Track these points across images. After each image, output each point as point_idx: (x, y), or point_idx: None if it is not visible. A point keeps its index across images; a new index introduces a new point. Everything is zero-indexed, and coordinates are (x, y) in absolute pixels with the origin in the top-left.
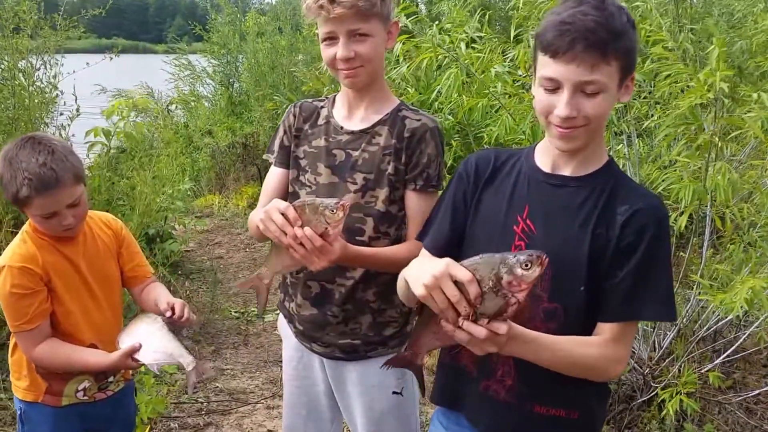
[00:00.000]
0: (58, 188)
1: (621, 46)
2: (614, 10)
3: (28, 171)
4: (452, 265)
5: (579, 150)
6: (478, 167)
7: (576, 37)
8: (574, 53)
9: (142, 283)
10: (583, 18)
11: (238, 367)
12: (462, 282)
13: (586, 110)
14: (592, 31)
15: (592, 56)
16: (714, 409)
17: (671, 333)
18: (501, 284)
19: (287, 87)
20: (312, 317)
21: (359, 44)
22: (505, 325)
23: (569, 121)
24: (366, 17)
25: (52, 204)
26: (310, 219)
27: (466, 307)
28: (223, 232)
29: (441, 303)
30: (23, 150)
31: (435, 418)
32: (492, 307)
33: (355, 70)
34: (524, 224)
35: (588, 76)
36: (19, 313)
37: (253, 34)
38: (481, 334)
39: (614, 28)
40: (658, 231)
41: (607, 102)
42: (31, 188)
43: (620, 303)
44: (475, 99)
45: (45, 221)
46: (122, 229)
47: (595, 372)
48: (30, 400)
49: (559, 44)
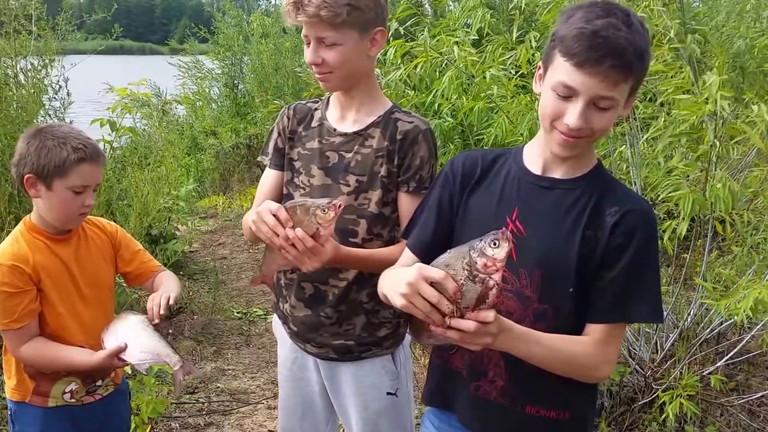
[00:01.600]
0: (100, 161)
1: (643, 66)
2: (639, 28)
3: (78, 139)
4: (423, 268)
5: (577, 157)
6: (464, 169)
7: (607, 53)
8: (601, 69)
9: (150, 278)
10: (616, 33)
11: (239, 368)
12: (437, 281)
13: (594, 123)
14: (622, 50)
15: (617, 74)
16: (716, 412)
17: (673, 335)
18: (476, 269)
19: (291, 89)
20: (306, 318)
21: (327, 51)
22: (492, 312)
23: (576, 131)
24: (333, 27)
25: (92, 176)
26: (301, 220)
27: (448, 305)
28: (227, 233)
29: (423, 308)
30: (52, 128)
31: (426, 418)
32: (473, 297)
33: (324, 75)
34: (513, 225)
35: (608, 92)
36: (7, 311)
37: (257, 35)
38: (471, 327)
39: (640, 48)
40: (647, 233)
41: (614, 117)
42: (86, 153)
43: (609, 304)
44: (473, 102)
45: (73, 199)
46: (117, 232)
47: (583, 371)
48: (17, 399)
49: (588, 56)
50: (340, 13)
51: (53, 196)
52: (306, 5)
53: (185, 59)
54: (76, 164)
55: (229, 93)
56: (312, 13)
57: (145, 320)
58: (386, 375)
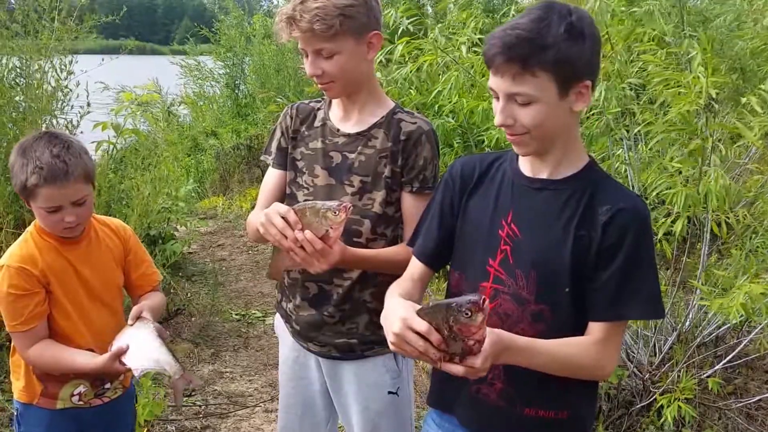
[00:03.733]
0: (66, 181)
1: (546, 57)
2: (553, 21)
3: (40, 160)
4: (409, 319)
5: (540, 154)
6: (463, 173)
7: (496, 52)
8: (497, 66)
9: (147, 291)
10: (510, 32)
11: (237, 370)
12: (422, 333)
13: (521, 119)
14: (509, 46)
15: (511, 69)
16: (714, 415)
17: (671, 338)
18: (455, 330)
19: (292, 90)
20: (309, 317)
21: (325, 62)
22: (478, 359)
23: (508, 128)
24: (328, 38)
25: (57, 197)
26: (310, 222)
27: (435, 353)
28: (227, 234)
29: (413, 354)
30: (39, 141)
31: (428, 418)
32: (458, 349)
33: (327, 85)
34: (509, 228)
35: (513, 88)
36: (15, 313)
37: (259, 36)
38: (459, 372)
39: (540, 41)
40: (640, 230)
41: (543, 112)
42: (41, 177)
43: (607, 303)
44: (475, 102)
45: (48, 216)
46: (131, 237)
47: (587, 372)
48: (25, 401)
49: (487, 57)
50: (333, 24)
51: (35, 211)
52: (299, 20)
53: (187, 60)
54: (35, 188)
55: (230, 93)
56: (306, 27)
57: (151, 327)
58: (388, 374)
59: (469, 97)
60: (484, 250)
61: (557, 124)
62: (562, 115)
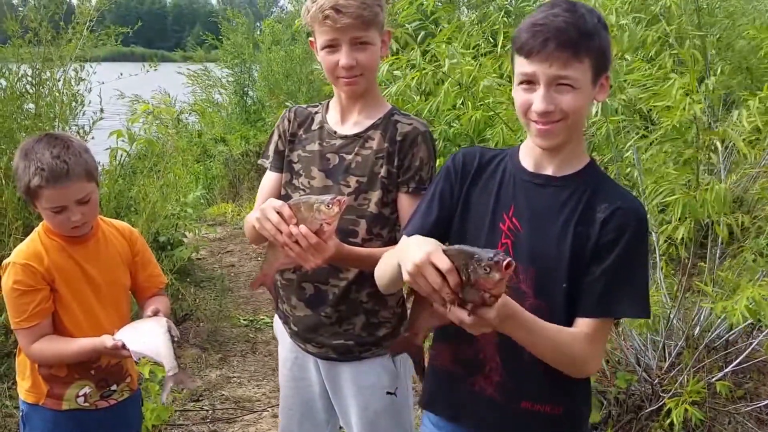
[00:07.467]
0: (68, 181)
1: (592, 45)
2: (585, 12)
3: (41, 162)
4: (434, 253)
5: (559, 148)
6: (465, 162)
7: (549, 37)
8: (547, 52)
9: (152, 294)
10: (555, 19)
11: (245, 375)
12: (443, 271)
13: (561, 105)
14: (563, 31)
15: (564, 54)
16: (724, 419)
17: (680, 342)
18: (474, 280)
19: (305, 95)
20: (306, 318)
21: (360, 52)
22: (492, 311)
23: (546, 115)
24: (367, 26)
25: (61, 197)
26: (305, 217)
27: (448, 293)
28: (236, 241)
29: (425, 288)
30: (40, 143)
31: (425, 417)
32: (474, 298)
33: (355, 78)
34: (510, 222)
35: (562, 72)
36: (19, 309)
37: (268, 42)
38: (467, 320)
39: (585, 28)
40: (636, 230)
41: (581, 98)
42: (43, 178)
43: (597, 299)
44: (471, 112)
45: (54, 216)
46: (138, 239)
47: (575, 363)
48: (32, 401)
49: (533, 44)
50: (377, 12)
51: (41, 212)
52: (347, 7)
53: (194, 67)
54: (39, 190)
55: (239, 100)
56: (356, 14)
57: (165, 324)
58: (386, 374)
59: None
60: (486, 244)
61: (584, 115)
62: (588, 105)
